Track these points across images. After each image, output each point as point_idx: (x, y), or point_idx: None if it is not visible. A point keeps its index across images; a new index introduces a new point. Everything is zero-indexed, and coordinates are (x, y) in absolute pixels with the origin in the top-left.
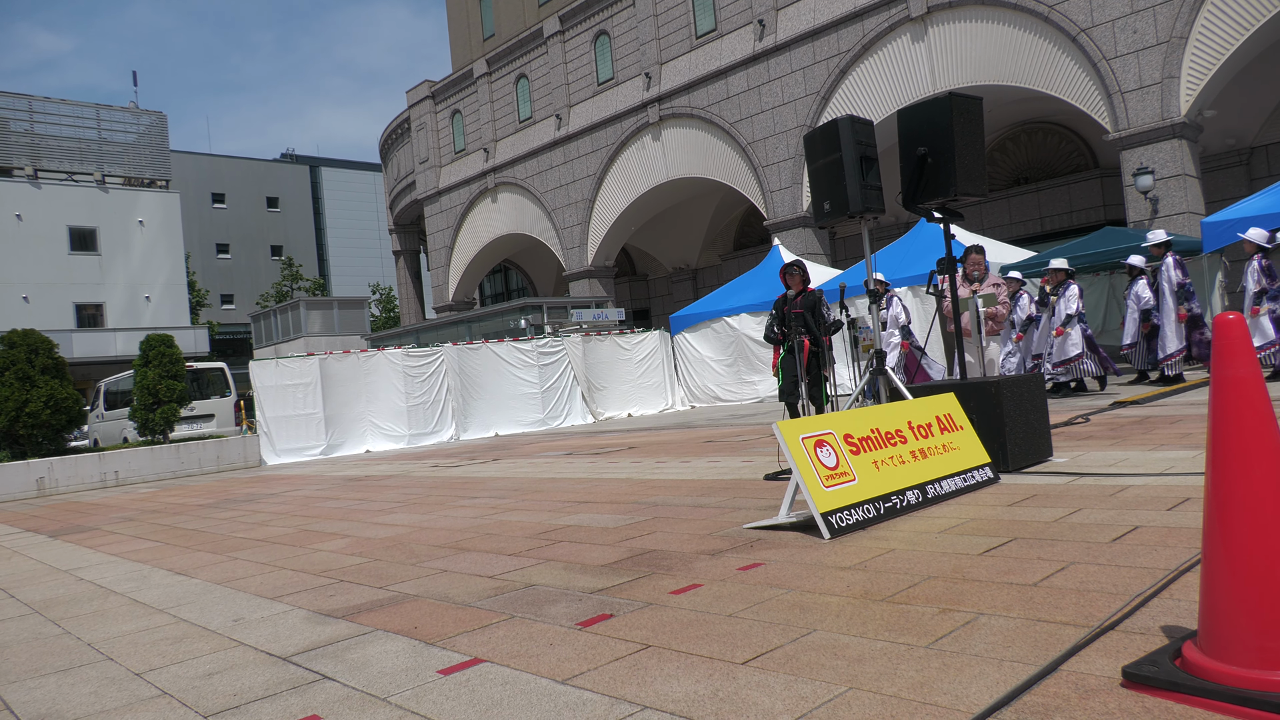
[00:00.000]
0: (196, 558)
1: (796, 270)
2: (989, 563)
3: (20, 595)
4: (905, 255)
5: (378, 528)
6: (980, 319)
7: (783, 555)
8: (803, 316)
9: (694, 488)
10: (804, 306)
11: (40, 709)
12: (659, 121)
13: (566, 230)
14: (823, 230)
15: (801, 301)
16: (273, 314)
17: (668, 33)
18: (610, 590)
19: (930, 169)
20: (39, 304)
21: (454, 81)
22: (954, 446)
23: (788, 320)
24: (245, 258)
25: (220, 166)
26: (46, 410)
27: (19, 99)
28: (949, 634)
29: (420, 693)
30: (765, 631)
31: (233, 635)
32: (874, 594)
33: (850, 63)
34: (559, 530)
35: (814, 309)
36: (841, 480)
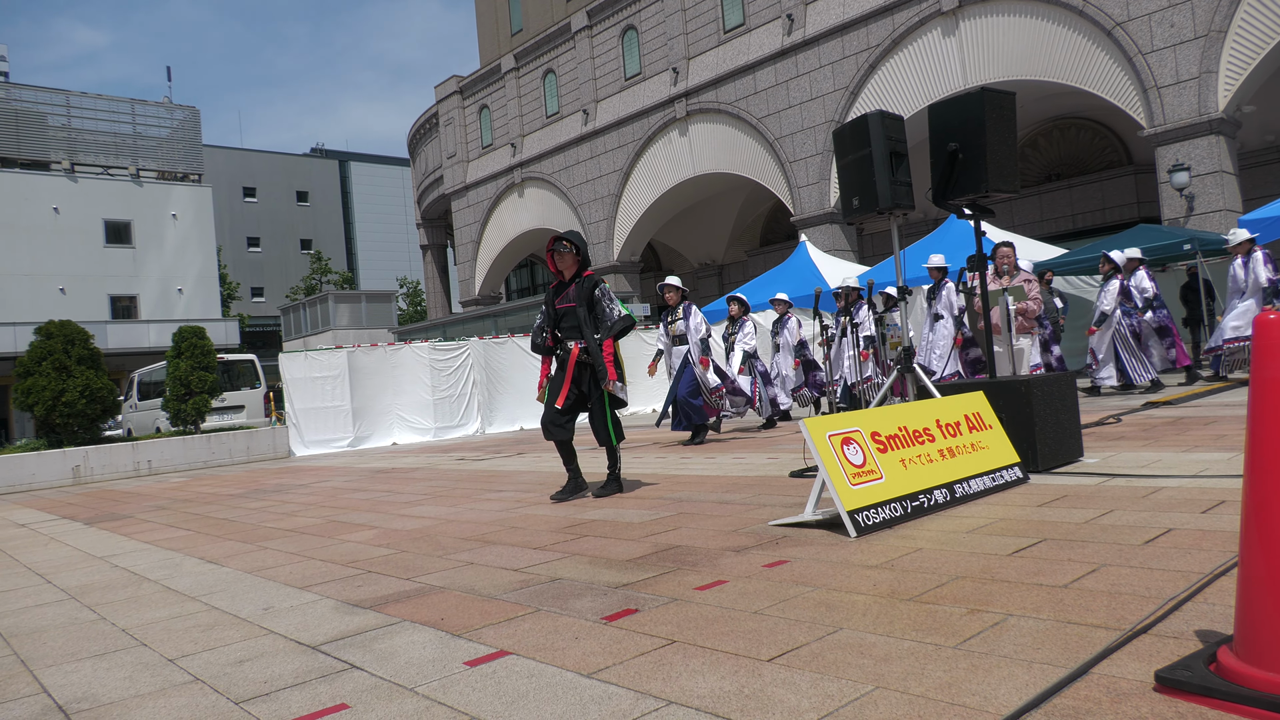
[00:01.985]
0: (227, 547)
1: (567, 248)
2: (1018, 563)
3: (57, 581)
4: (934, 251)
5: (405, 520)
6: (1010, 315)
7: (808, 553)
8: (575, 312)
9: (719, 484)
10: (577, 298)
11: (76, 692)
12: (686, 116)
13: (592, 225)
14: (851, 226)
15: (575, 291)
16: (302, 307)
17: (695, 27)
18: (635, 585)
19: (961, 165)
20: (75, 296)
21: (482, 76)
22: (982, 445)
23: (558, 319)
24: (275, 251)
25: (251, 161)
26: (82, 400)
27: (56, 94)
28: (977, 634)
29: (447, 684)
30: (791, 629)
31: (263, 624)
32: (901, 593)
33: (880, 57)
34: (584, 525)
35: (592, 301)
36: (868, 478)
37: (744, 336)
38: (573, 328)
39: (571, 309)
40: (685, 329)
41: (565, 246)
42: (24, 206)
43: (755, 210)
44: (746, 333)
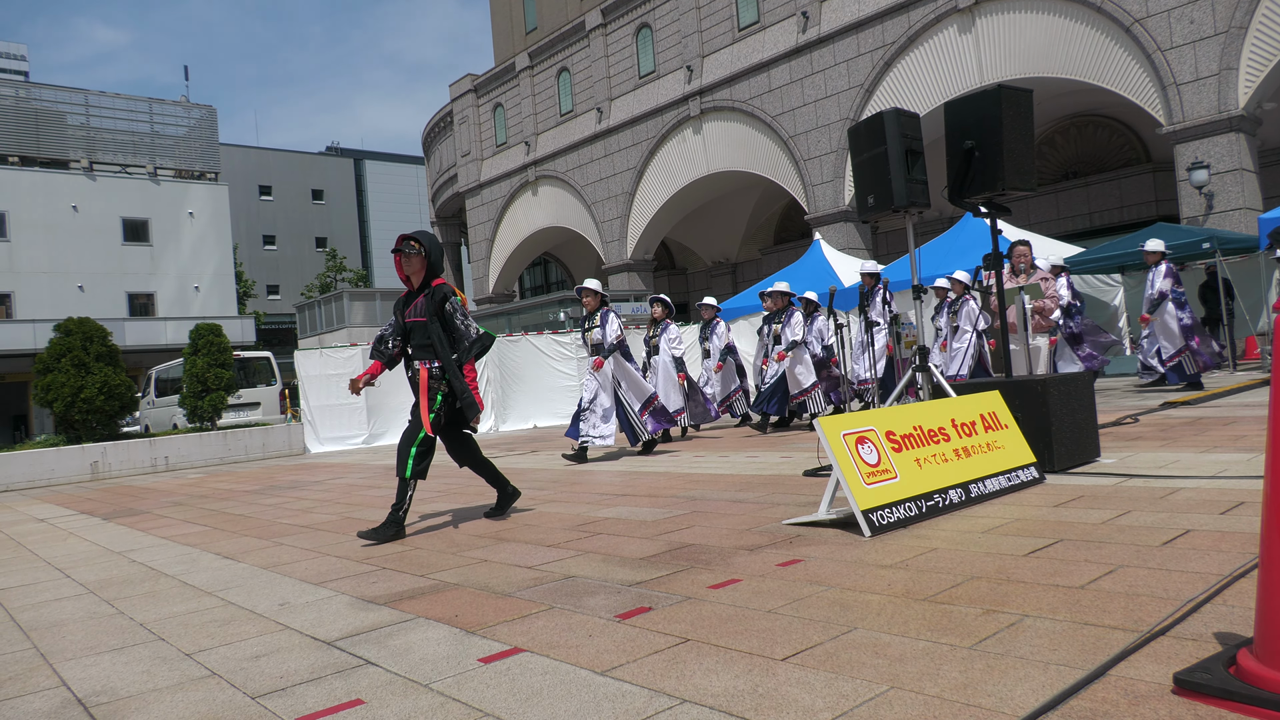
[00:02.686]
0: (244, 542)
1: (415, 250)
2: (1034, 564)
3: (76, 576)
4: (950, 250)
5: (419, 517)
6: (1026, 314)
7: (823, 552)
8: (426, 328)
9: (732, 482)
10: (427, 311)
11: (95, 686)
12: (700, 114)
13: (606, 223)
14: (865, 225)
15: (424, 304)
16: (317, 304)
17: (710, 25)
18: (649, 583)
19: (977, 163)
20: (93, 293)
21: (496, 75)
22: (998, 445)
23: (407, 333)
24: (291, 249)
25: (267, 159)
26: (100, 396)
27: (75, 93)
28: (993, 635)
29: (461, 680)
30: (805, 628)
31: (279, 619)
32: (916, 593)
33: (895, 55)
34: (597, 523)
35: (444, 315)
36: (883, 478)
37: (671, 342)
38: (423, 346)
39: (422, 324)
40: (602, 337)
41: (412, 248)
42: (44, 205)
43: (769, 208)
44: (672, 338)
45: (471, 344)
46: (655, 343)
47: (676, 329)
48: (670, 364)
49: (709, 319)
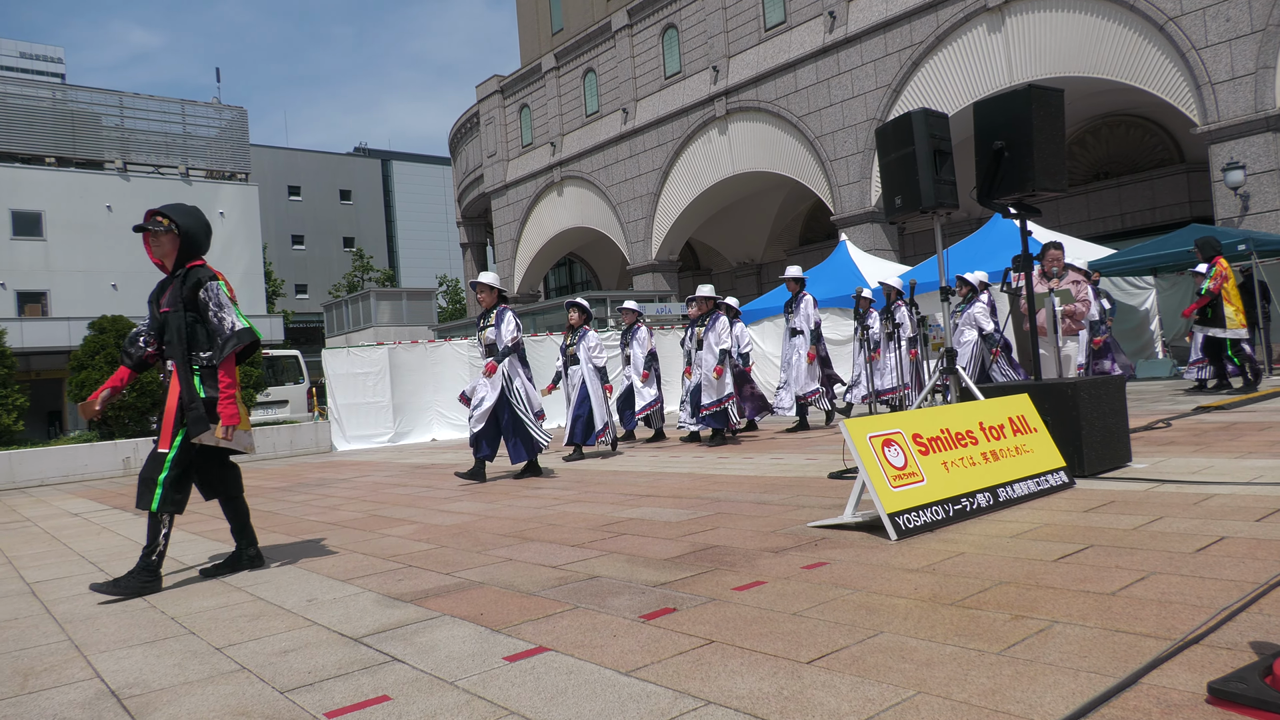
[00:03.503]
0: (271, 539)
1: (162, 226)
2: (1064, 569)
3: (109, 569)
4: (978, 251)
5: (444, 515)
6: (1057, 317)
7: (848, 555)
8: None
9: (757, 484)
10: (176, 299)
11: (128, 678)
12: (726, 115)
13: (631, 224)
14: (892, 226)
15: (174, 292)
16: (344, 304)
17: (736, 25)
18: (673, 584)
19: (1007, 163)
20: (126, 292)
21: (522, 76)
22: (1027, 449)
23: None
24: (319, 249)
25: (296, 160)
26: (133, 393)
27: (110, 95)
28: (1022, 641)
29: (487, 678)
30: (831, 631)
31: (306, 615)
32: (943, 597)
33: (923, 55)
34: (622, 523)
35: (197, 302)
36: (909, 481)
37: (591, 350)
38: (174, 342)
39: (168, 314)
40: (496, 337)
41: (159, 224)
42: (79, 205)
43: (795, 209)
44: (592, 346)
45: (226, 341)
46: (573, 351)
47: (596, 336)
48: (594, 375)
49: (630, 324)
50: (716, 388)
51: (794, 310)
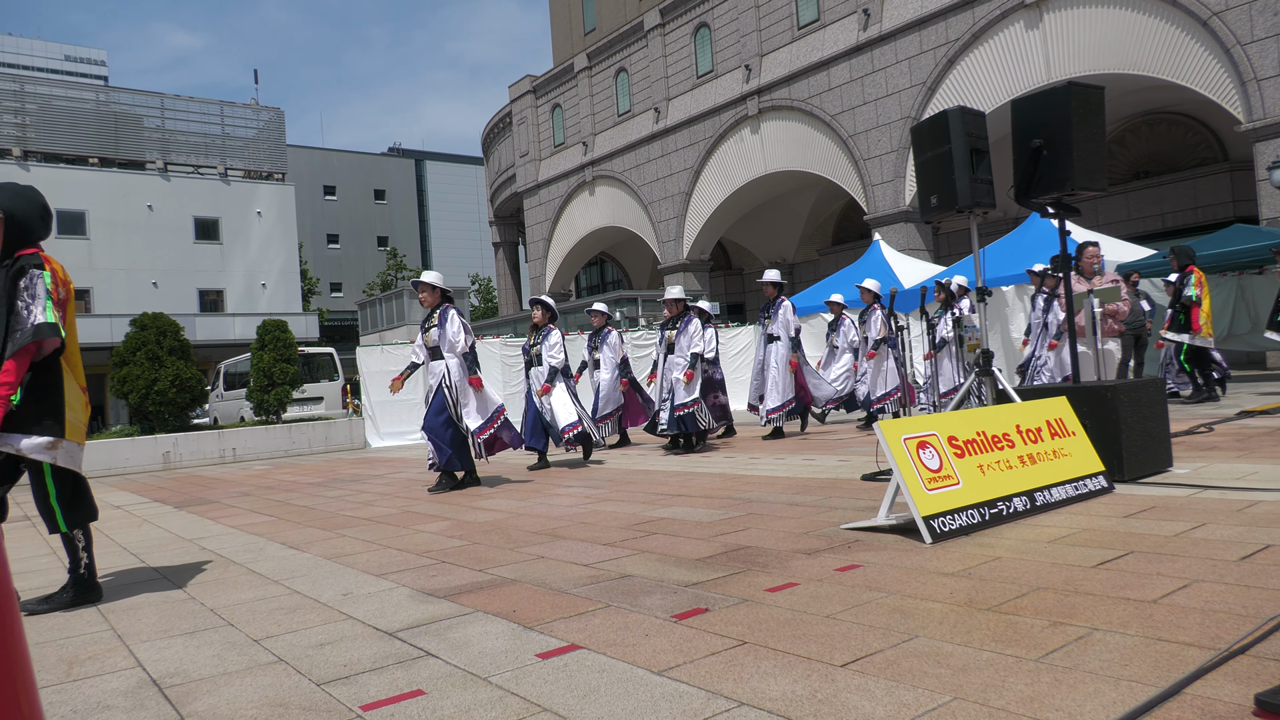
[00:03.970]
0: (308, 533)
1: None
2: (1103, 576)
3: (150, 561)
4: (1014, 251)
5: (476, 512)
6: (1096, 317)
7: (882, 558)
8: None
9: (788, 485)
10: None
11: (169, 667)
12: (758, 114)
13: (662, 223)
14: (927, 225)
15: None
16: (378, 302)
17: (769, 24)
18: (705, 585)
19: (1045, 162)
20: (166, 289)
21: (555, 76)
22: (1065, 453)
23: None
24: (353, 248)
25: (332, 160)
26: (173, 389)
27: (152, 97)
28: (1060, 648)
29: (520, 675)
30: (865, 635)
31: (342, 609)
32: (979, 602)
33: (959, 52)
34: (653, 522)
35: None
36: (945, 483)
37: (551, 349)
38: None
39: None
40: (439, 339)
41: None
42: (121, 204)
43: (827, 209)
44: (552, 344)
45: (22, 337)
46: (537, 351)
47: (558, 335)
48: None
49: (599, 326)
50: (686, 390)
51: (771, 316)
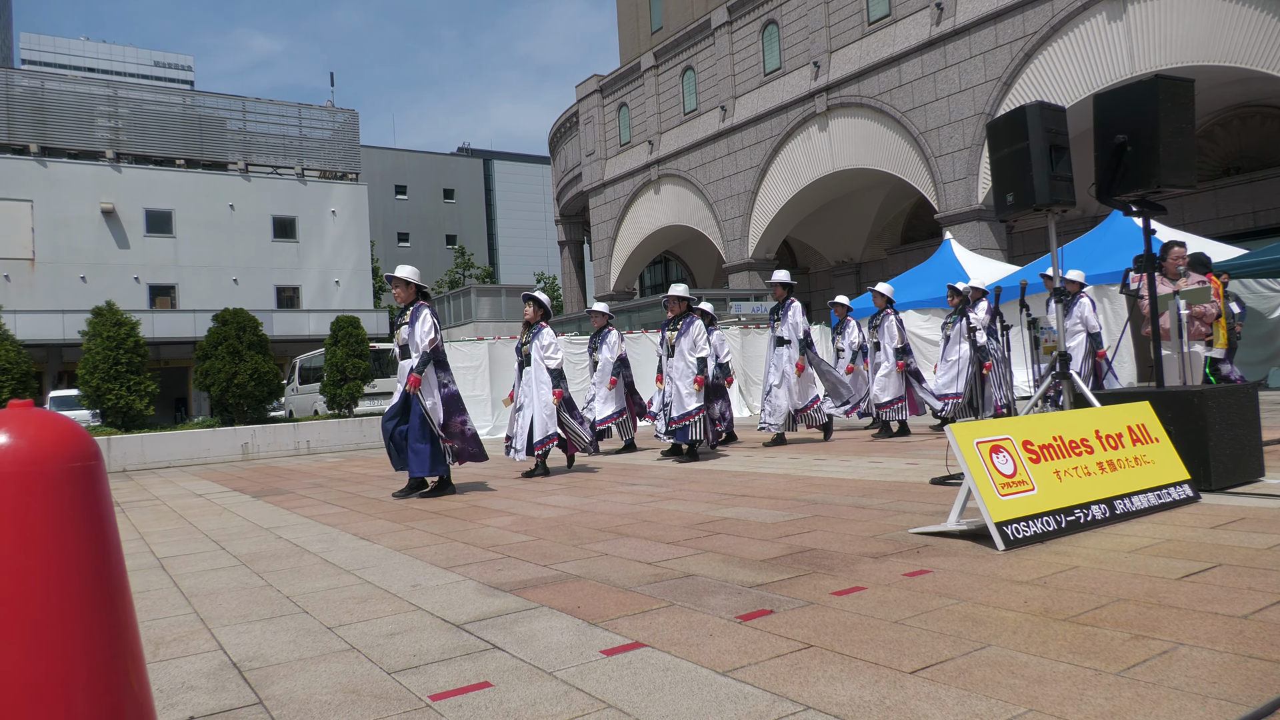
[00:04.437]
0: (378, 525)
1: None
2: (1189, 589)
3: (230, 548)
4: (1093, 251)
5: (540, 508)
6: (1182, 320)
7: (952, 564)
8: None
9: (855, 488)
10: None
11: (248, 651)
12: (826, 111)
13: (728, 222)
14: (1001, 224)
15: None
16: (446, 300)
17: (838, 20)
18: (770, 586)
19: (1130, 158)
20: (245, 286)
21: (621, 75)
22: (1147, 460)
23: None
24: (423, 246)
25: (403, 160)
26: (251, 382)
27: (234, 100)
28: (1143, 662)
29: (584, 670)
30: (935, 642)
31: (411, 600)
32: (1055, 612)
33: (1036, 46)
34: (716, 522)
35: None
36: (1019, 489)
37: (544, 350)
38: None
39: None
40: (409, 337)
41: None
42: (204, 204)
43: (896, 207)
44: (545, 345)
45: None
46: (527, 350)
47: (552, 334)
48: (544, 380)
49: (600, 327)
50: (684, 400)
51: (780, 318)
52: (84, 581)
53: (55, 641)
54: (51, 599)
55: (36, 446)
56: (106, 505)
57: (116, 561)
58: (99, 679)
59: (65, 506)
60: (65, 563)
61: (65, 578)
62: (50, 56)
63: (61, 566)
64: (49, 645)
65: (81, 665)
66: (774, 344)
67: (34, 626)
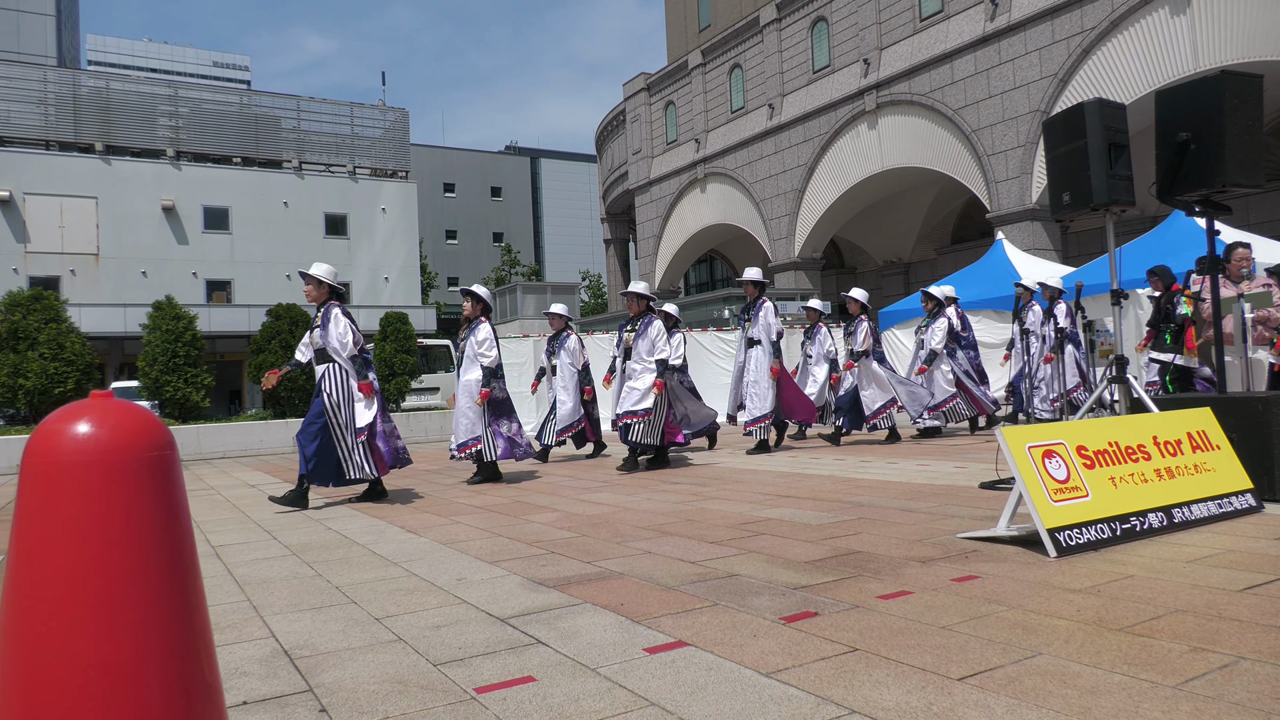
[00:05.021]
0: (424, 518)
1: None
2: (1250, 601)
3: (281, 538)
4: (1152, 251)
5: (584, 505)
6: (1245, 324)
7: (1002, 570)
8: None
9: (901, 490)
10: None
11: (299, 640)
12: (876, 109)
13: (774, 221)
14: (1055, 224)
15: None
16: (492, 297)
17: (889, 16)
18: (814, 588)
19: (1193, 157)
20: (298, 281)
21: (669, 73)
22: (1208, 468)
23: None
24: (470, 243)
25: (451, 158)
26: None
27: (289, 99)
28: (1201, 676)
29: (627, 668)
30: (983, 648)
31: (456, 593)
32: (1109, 622)
33: (1095, 41)
34: (760, 522)
35: None
36: (1072, 495)
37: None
38: None
39: None
40: (323, 338)
41: None
42: (259, 201)
43: (947, 206)
44: (481, 340)
45: None
46: (463, 347)
47: (488, 330)
48: (477, 376)
49: (558, 330)
50: (635, 400)
51: (751, 318)
52: (160, 566)
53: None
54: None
55: (118, 435)
56: (181, 493)
57: (189, 547)
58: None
59: (144, 493)
60: (143, 547)
61: (143, 562)
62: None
63: (140, 551)
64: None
65: (156, 647)
66: (744, 345)
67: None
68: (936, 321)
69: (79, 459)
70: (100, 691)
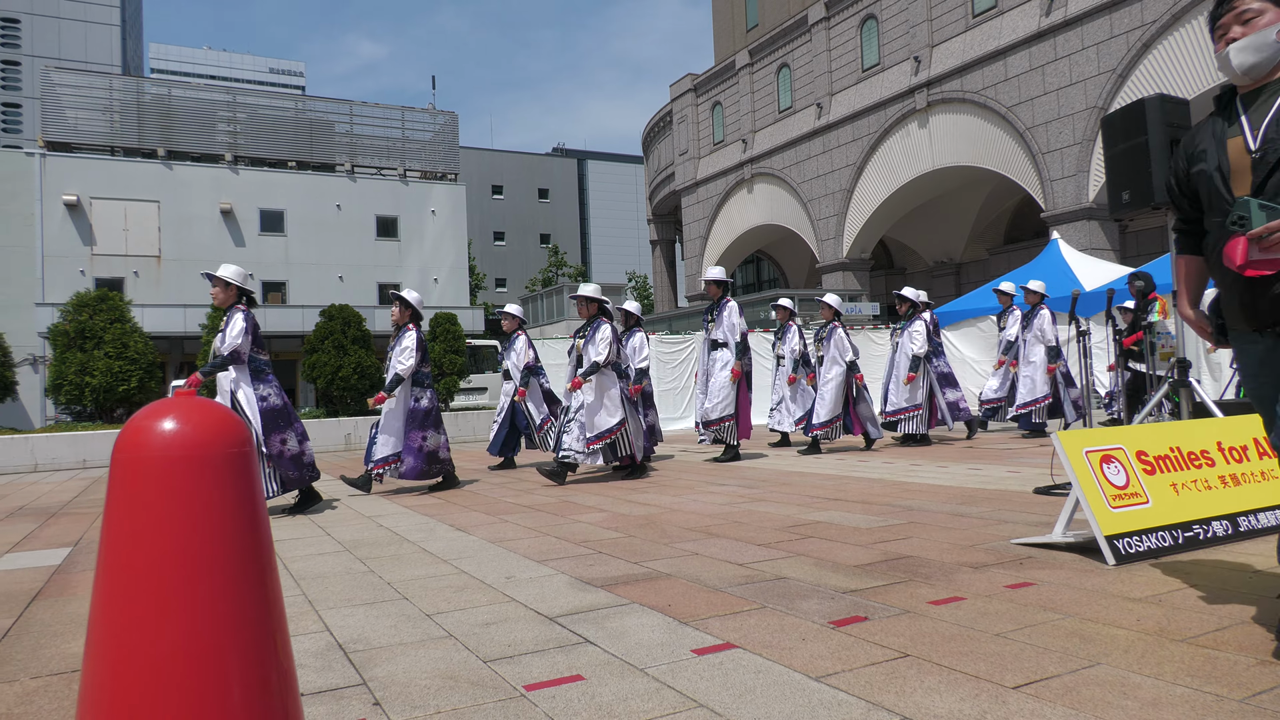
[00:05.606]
0: (473, 517)
1: None
2: None
3: (334, 534)
4: None
5: (631, 505)
6: None
7: (1057, 577)
8: None
9: (953, 495)
10: None
11: (352, 634)
12: (926, 107)
13: (822, 221)
14: (1113, 224)
15: None
16: (539, 298)
17: (940, 13)
18: (863, 592)
19: None
20: (350, 283)
21: (716, 74)
22: (1276, 475)
23: None
24: (517, 245)
25: (499, 160)
26: (355, 376)
27: (342, 104)
28: (1270, 690)
29: (675, 669)
30: (1039, 657)
31: (505, 591)
32: (1171, 632)
33: (1155, 35)
34: (808, 525)
35: None
36: (1131, 501)
37: (401, 352)
38: None
39: None
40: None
41: None
42: (313, 204)
43: (999, 205)
44: (404, 347)
45: None
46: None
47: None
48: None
49: (509, 331)
50: (598, 416)
51: (715, 319)
52: (241, 558)
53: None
54: (213, 573)
55: (202, 432)
56: (259, 488)
57: (267, 540)
58: (251, 648)
59: (226, 488)
60: (226, 540)
61: (225, 554)
62: (176, 65)
63: (222, 543)
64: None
65: (237, 635)
66: (708, 347)
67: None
68: (913, 325)
69: (165, 454)
70: (185, 678)
